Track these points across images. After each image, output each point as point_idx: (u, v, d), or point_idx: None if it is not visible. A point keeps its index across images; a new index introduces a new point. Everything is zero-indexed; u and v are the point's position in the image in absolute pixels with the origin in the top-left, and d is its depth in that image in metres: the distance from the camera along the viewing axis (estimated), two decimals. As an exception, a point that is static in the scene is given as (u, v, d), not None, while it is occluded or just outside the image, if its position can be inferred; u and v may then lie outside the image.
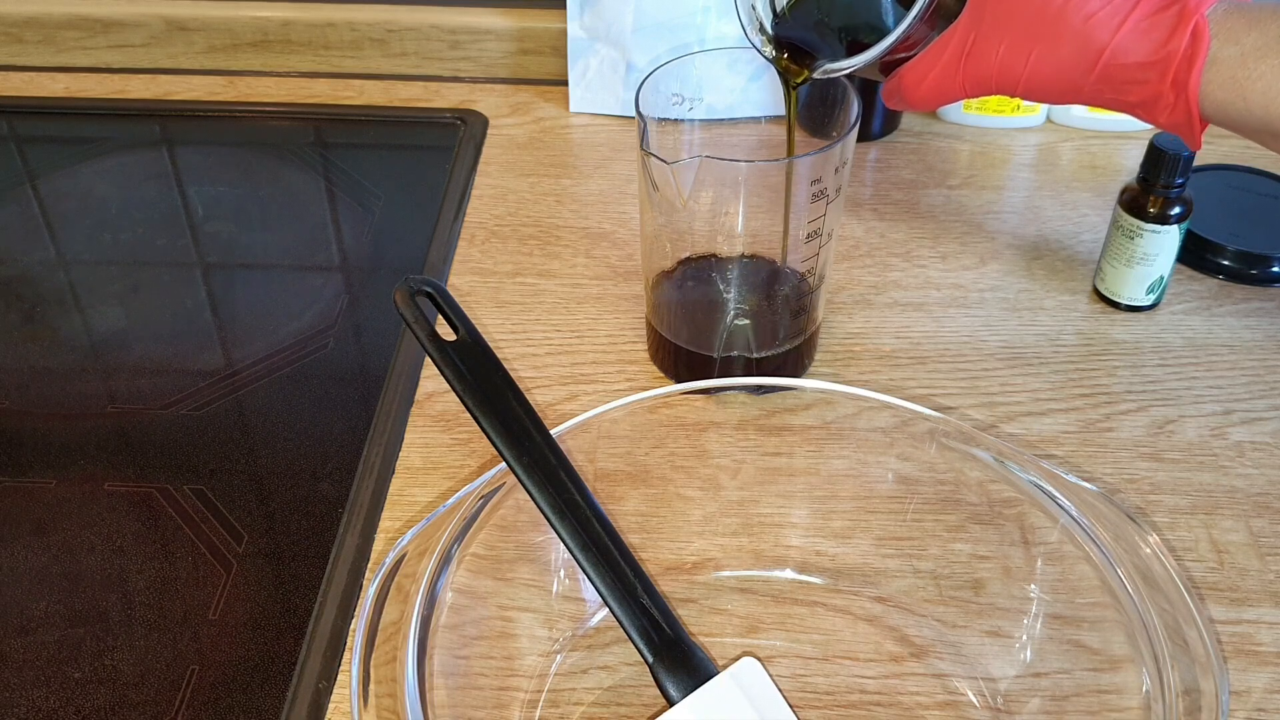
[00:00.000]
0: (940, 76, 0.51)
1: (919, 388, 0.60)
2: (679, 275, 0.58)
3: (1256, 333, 0.63)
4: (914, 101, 0.53)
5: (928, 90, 0.52)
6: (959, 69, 0.50)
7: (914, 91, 0.52)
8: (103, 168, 0.79)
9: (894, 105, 0.56)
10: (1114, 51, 0.46)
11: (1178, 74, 0.44)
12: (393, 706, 0.39)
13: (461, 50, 0.85)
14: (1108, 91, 0.47)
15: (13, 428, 0.60)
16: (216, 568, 0.52)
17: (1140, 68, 0.45)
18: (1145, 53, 0.45)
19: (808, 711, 0.46)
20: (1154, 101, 0.45)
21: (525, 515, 0.45)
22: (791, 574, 0.51)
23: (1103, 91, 0.47)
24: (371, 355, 0.64)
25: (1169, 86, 0.44)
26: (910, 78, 0.52)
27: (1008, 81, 0.49)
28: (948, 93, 0.51)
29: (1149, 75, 0.45)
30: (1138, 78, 0.45)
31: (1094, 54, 0.46)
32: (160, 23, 0.85)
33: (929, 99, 0.52)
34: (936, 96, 0.52)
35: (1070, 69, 0.47)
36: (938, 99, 0.52)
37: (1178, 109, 0.45)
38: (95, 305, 0.68)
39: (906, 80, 0.52)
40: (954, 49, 0.51)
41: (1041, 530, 0.47)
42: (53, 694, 0.47)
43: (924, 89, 0.52)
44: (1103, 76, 0.46)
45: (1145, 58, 0.45)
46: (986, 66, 0.49)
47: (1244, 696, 0.46)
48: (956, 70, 0.50)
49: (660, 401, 0.50)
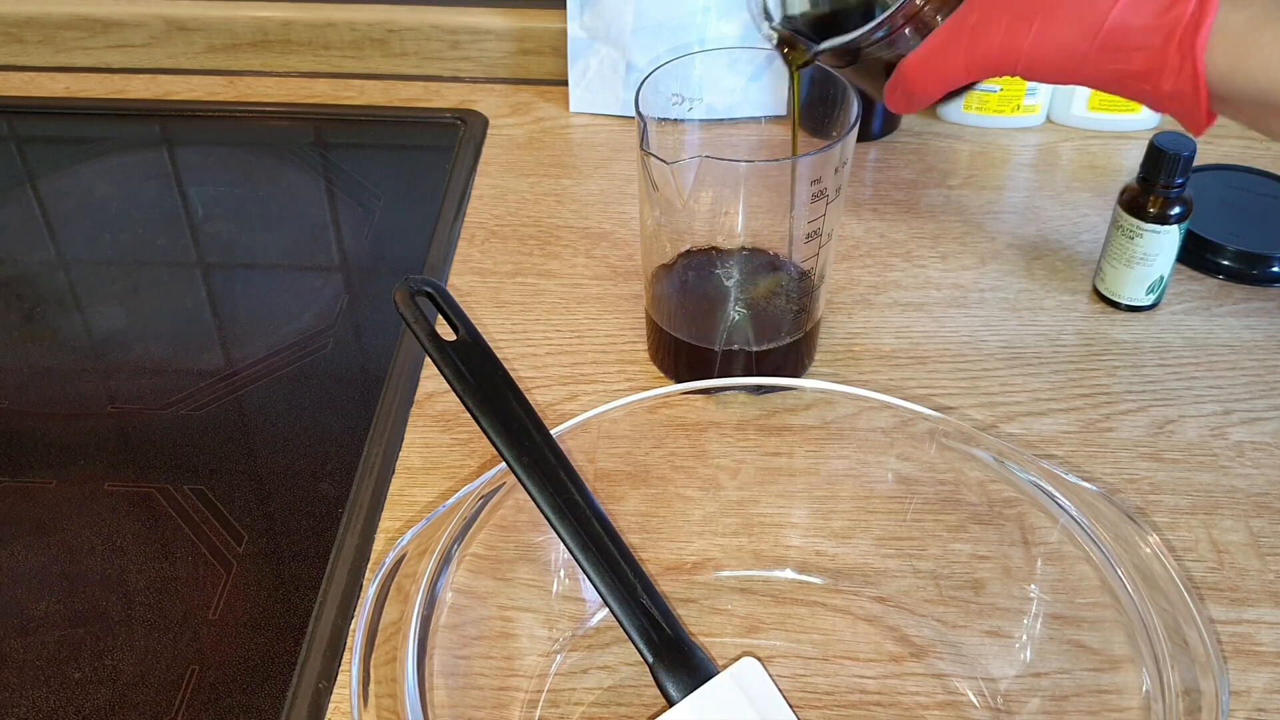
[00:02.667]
0: (942, 60, 0.51)
1: (919, 388, 0.60)
2: (679, 269, 0.58)
3: (1256, 333, 0.63)
4: (916, 89, 0.53)
5: (930, 76, 0.52)
6: (961, 49, 0.50)
7: (916, 80, 0.52)
8: (103, 168, 0.79)
9: (896, 104, 0.56)
10: (1119, 13, 0.45)
11: (1183, 37, 0.44)
12: (393, 706, 0.39)
13: (461, 50, 0.85)
14: (1110, 61, 0.46)
15: (13, 428, 0.60)
16: (216, 568, 0.52)
17: (1144, 31, 0.45)
18: (1150, 15, 0.45)
19: (808, 711, 0.46)
20: (1159, 69, 0.45)
21: (525, 515, 0.45)
22: (791, 574, 0.51)
23: (1105, 61, 0.46)
24: (371, 355, 0.64)
25: (1174, 49, 0.44)
26: (912, 65, 0.52)
27: (1010, 57, 0.49)
28: (950, 75, 0.51)
29: (1153, 40, 0.45)
30: (1141, 43, 0.45)
31: (1098, 19, 0.46)
32: (160, 23, 0.85)
33: (931, 86, 0.52)
34: (938, 81, 0.52)
35: (1074, 37, 0.47)
36: (939, 84, 0.52)
37: (1183, 74, 0.44)
38: (95, 305, 0.68)
39: (909, 68, 0.52)
40: (956, 31, 0.51)
41: (1041, 530, 0.47)
42: (53, 694, 0.47)
43: (927, 75, 0.52)
44: (1106, 43, 0.46)
45: (1150, 21, 0.45)
46: (989, 44, 0.49)
47: (1244, 696, 0.46)
48: (958, 51, 0.50)
49: (660, 401, 0.50)
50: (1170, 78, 0.44)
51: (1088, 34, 0.46)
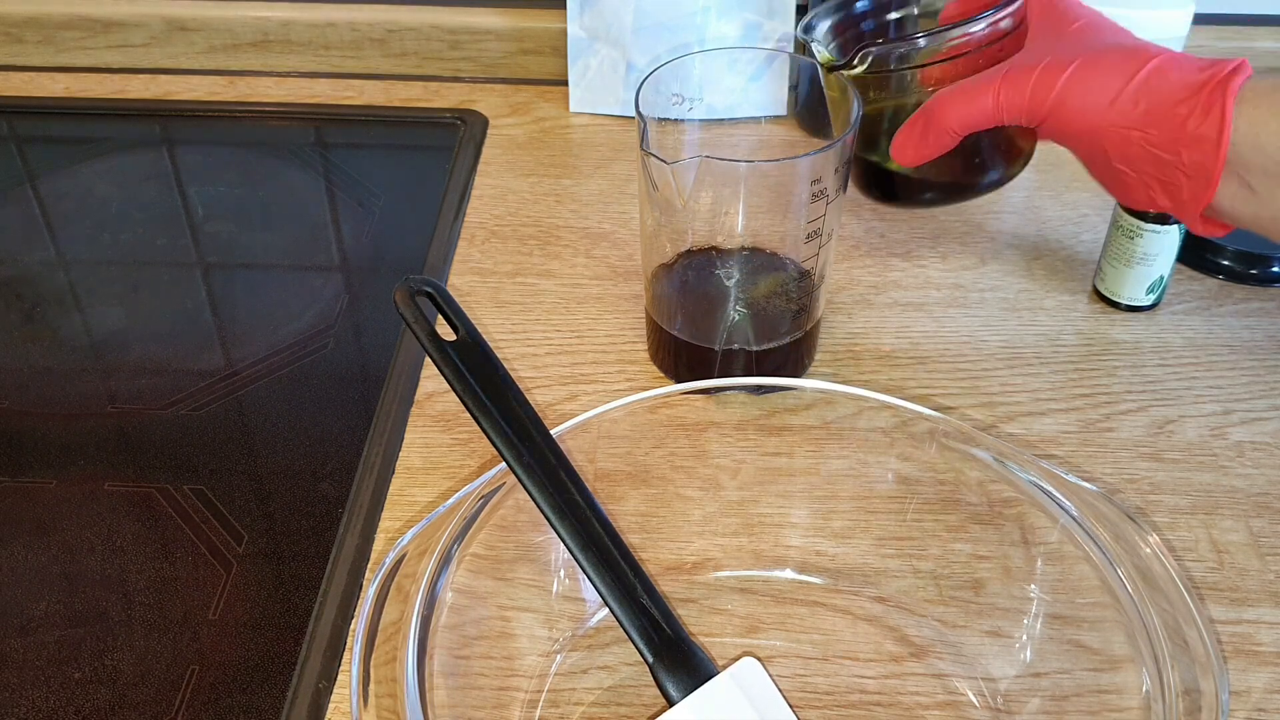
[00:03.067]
0: (973, 93, 0.51)
1: (919, 388, 0.60)
2: (679, 269, 0.58)
3: (1256, 333, 0.63)
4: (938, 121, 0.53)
5: (958, 107, 0.51)
6: (994, 84, 0.50)
7: (942, 111, 0.52)
8: (103, 168, 0.79)
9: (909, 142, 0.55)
10: (1160, 62, 0.46)
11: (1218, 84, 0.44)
12: (393, 706, 0.39)
13: (461, 50, 0.85)
14: (1144, 99, 0.46)
15: (13, 428, 0.60)
16: (216, 568, 0.52)
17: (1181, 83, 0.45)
18: (1190, 69, 0.46)
19: (808, 711, 0.46)
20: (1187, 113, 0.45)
21: (525, 515, 0.45)
22: (791, 574, 0.51)
23: (1139, 100, 0.46)
24: (371, 355, 0.64)
25: (1207, 93, 0.44)
26: (942, 97, 0.52)
27: (1042, 94, 0.49)
28: (977, 110, 0.51)
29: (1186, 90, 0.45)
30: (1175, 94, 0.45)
31: (1138, 64, 0.46)
32: (160, 23, 0.85)
33: (954, 119, 0.52)
34: (964, 115, 0.52)
35: (1111, 78, 0.47)
36: (964, 119, 0.52)
37: (1210, 119, 0.44)
38: (95, 305, 0.68)
39: (938, 99, 0.52)
40: (994, 70, 0.51)
41: (1041, 530, 0.47)
42: (53, 694, 0.47)
43: (954, 105, 0.51)
44: (1141, 89, 0.46)
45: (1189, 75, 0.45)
46: (1023, 81, 0.49)
47: (1244, 696, 0.46)
48: (991, 85, 0.50)
49: (660, 401, 0.50)
50: (1197, 119, 0.44)
51: (1125, 76, 0.47)
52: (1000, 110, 0.50)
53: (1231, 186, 0.45)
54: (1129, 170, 0.47)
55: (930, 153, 0.54)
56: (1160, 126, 0.46)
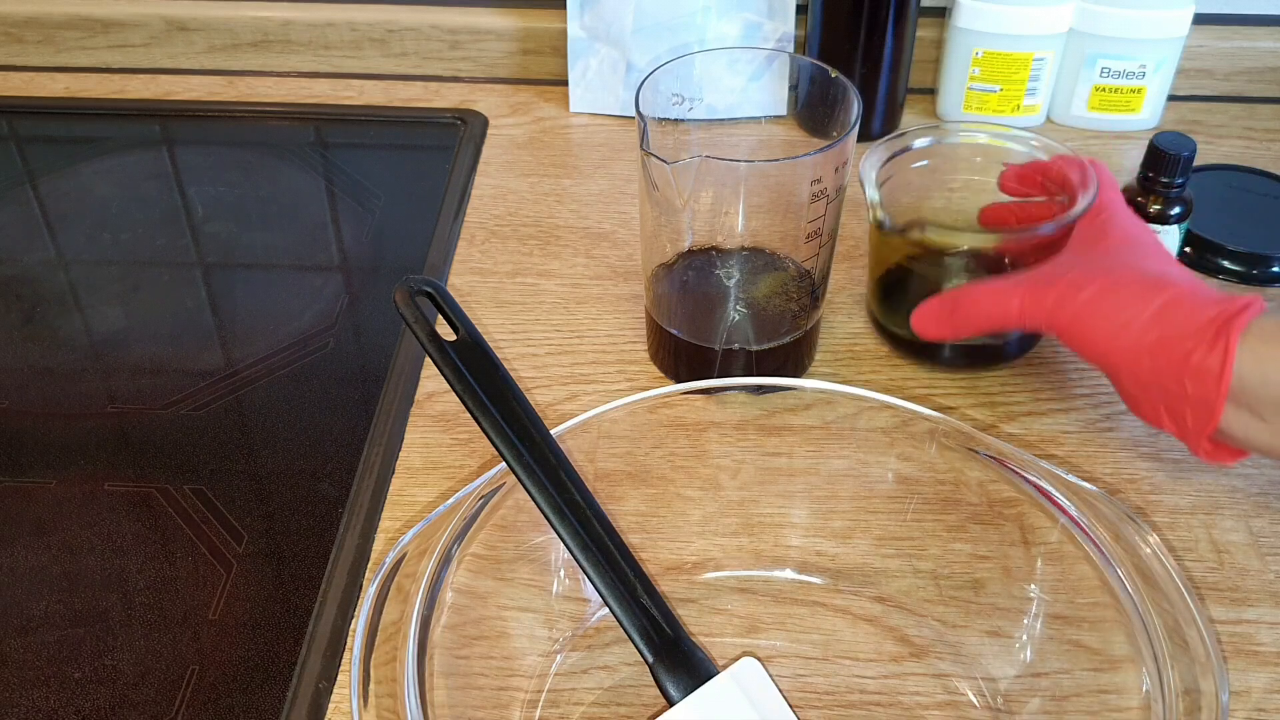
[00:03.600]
0: (1000, 293, 0.52)
1: (919, 388, 0.60)
2: (679, 268, 0.58)
3: (1256, 333, 0.63)
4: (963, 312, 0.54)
5: (983, 303, 0.53)
6: (1021, 289, 0.51)
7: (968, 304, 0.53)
8: (103, 168, 0.79)
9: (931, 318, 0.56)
10: (1180, 290, 0.48)
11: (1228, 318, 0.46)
12: (393, 706, 0.40)
13: (461, 50, 0.85)
14: (1156, 329, 0.47)
15: (13, 428, 0.60)
16: (216, 568, 0.52)
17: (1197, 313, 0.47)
18: (1207, 300, 0.47)
19: (808, 711, 0.46)
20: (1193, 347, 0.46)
21: (525, 515, 0.45)
22: (791, 574, 0.51)
23: (1151, 330, 0.47)
24: (371, 355, 0.64)
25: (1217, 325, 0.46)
26: (970, 289, 0.53)
27: (1064, 304, 0.50)
28: (1001, 310, 0.52)
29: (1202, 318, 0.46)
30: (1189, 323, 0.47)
31: (1159, 292, 0.48)
32: (160, 23, 0.85)
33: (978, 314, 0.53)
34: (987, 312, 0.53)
35: (1131, 299, 0.48)
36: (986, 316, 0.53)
37: (1215, 349, 0.45)
38: (95, 305, 0.68)
39: (967, 291, 0.54)
40: (1023, 275, 0.52)
41: (1041, 530, 0.47)
42: (53, 694, 0.47)
43: (980, 301, 0.53)
44: (1159, 314, 0.47)
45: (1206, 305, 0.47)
46: (1047, 290, 0.51)
47: (1244, 696, 0.46)
48: (1019, 289, 0.52)
49: (660, 401, 0.50)
50: (1201, 355, 0.46)
51: (1140, 306, 0.48)
52: (1023, 317, 0.52)
53: (1244, 417, 0.46)
54: (1139, 393, 0.48)
55: (950, 337, 0.56)
56: (1168, 357, 0.47)
